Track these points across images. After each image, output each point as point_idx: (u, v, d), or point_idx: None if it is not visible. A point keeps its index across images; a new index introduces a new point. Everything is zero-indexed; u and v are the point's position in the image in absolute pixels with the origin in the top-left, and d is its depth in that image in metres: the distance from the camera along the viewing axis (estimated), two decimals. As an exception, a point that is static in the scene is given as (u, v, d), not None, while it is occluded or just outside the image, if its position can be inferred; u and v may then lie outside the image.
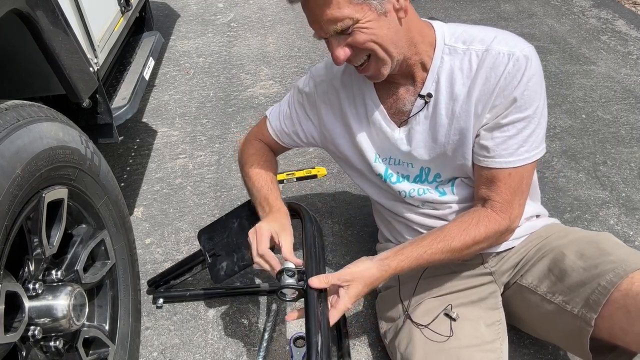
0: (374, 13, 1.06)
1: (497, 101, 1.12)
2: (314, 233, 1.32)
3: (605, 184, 2.04)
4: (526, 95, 1.11)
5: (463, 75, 1.15)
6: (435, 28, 1.19)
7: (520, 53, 1.10)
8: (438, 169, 1.27)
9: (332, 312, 1.09)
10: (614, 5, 3.67)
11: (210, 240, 1.52)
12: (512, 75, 1.10)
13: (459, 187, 1.28)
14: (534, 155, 1.16)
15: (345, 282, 1.11)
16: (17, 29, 1.20)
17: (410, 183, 1.31)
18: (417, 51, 1.15)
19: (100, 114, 1.64)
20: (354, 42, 1.08)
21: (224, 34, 3.60)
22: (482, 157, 1.18)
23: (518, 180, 1.16)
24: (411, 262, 1.14)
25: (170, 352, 1.52)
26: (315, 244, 1.26)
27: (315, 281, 1.10)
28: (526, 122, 1.13)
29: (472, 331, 1.20)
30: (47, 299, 1.00)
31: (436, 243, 1.15)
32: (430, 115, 1.20)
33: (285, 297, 1.14)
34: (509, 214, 1.17)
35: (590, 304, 1.10)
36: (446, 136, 1.20)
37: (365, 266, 1.13)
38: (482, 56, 1.13)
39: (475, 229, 1.16)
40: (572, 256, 1.18)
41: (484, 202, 1.20)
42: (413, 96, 1.21)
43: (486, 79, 1.12)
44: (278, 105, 1.49)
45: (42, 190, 0.99)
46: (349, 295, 1.10)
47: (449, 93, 1.17)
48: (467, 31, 1.17)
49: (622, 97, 2.61)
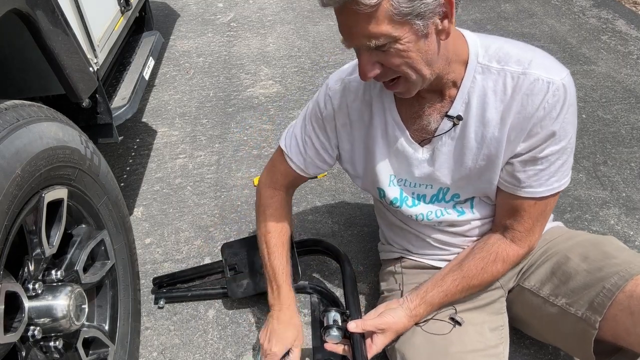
0: (414, 35, 0.94)
1: (534, 131, 1.06)
2: (353, 276, 1.54)
3: (606, 184, 2.04)
4: (563, 127, 1.06)
5: (496, 98, 1.07)
6: (469, 43, 1.09)
7: (560, 82, 1.03)
8: (458, 190, 1.22)
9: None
10: (614, 5, 3.67)
11: (235, 256, 1.57)
12: (551, 106, 1.03)
13: (478, 205, 1.25)
14: (563, 185, 1.13)
15: (380, 330, 1.22)
16: (17, 29, 1.20)
17: (426, 204, 1.26)
18: (450, 69, 1.07)
19: (100, 114, 1.64)
20: (386, 63, 0.98)
21: (224, 34, 3.60)
22: (511, 185, 1.15)
23: (542, 209, 1.15)
24: (435, 307, 1.24)
25: (170, 352, 1.52)
26: (355, 288, 1.49)
27: (353, 325, 1.23)
28: (560, 153, 1.09)
29: (476, 336, 1.20)
30: (46, 299, 1.00)
31: (455, 285, 1.22)
32: (457, 137, 1.13)
33: (331, 336, 1.28)
34: (528, 242, 1.20)
35: (594, 307, 1.09)
36: (473, 160, 1.14)
37: (398, 316, 1.22)
38: (517, 79, 1.04)
39: (493, 266, 1.20)
40: (576, 259, 1.18)
41: (505, 230, 1.21)
42: (439, 115, 1.13)
43: (522, 106, 1.05)
44: (292, 134, 1.35)
45: (42, 190, 0.99)
46: (383, 342, 1.23)
47: (479, 116, 1.09)
48: (503, 48, 1.08)
49: (623, 97, 2.60)
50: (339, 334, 1.26)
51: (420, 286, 1.26)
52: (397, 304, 1.25)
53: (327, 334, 1.27)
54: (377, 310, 1.28)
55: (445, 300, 1.23)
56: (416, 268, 1.39)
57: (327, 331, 1.27)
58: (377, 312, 1.26)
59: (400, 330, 1.23)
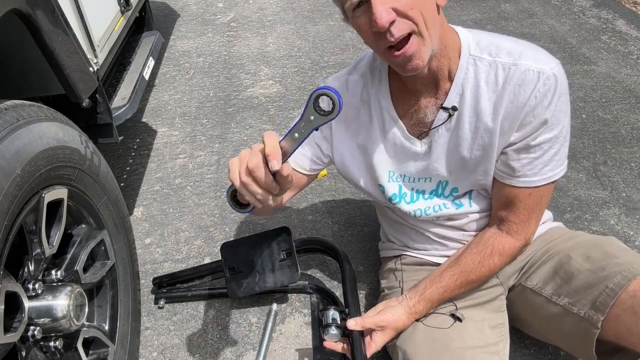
0: None
1: (526, 120, 1.08)
2: (353, 276, 1.54)
3: (606, 184, 2.04)
4: (555, 115, 1.07)
5: (489, 89, 1.10)
6: (460, 36, 1.12)
7: (550, 71, 1.05)
8: (456, 183, 1.24)
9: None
10: (614, 5, 3.67)
11: (234, 256, 1.56)
12: (542, 94, 1.05)
13: (476, 198, 1.26)
14: (557, 174, 1.14)
15: (379, 328, 1.23)
16: (17, 29, 1.20)
17: (425, 200, 1.27)
18: (446, 54, 1.09)
19: (100, 114, 1.64)
20: (399, 5, 0.96)
21: (224, 34, 3.60)
22: (505, 175, 1.16)
23: (537, 199, 1.16)
24: (434, 304, 1.24)
25: (170, 352, 1.52)
26: (355, 287, 1.49)
27: (352, 322, 1.23)
28: (553, 141, 1.10)
29: (476, 333, 1.20)
30: (46, 299, 1.00)
31: (454, 280, 1.22)
32: (452, 127, 1.16)
33: (329, 334, 1.27)
34: (524, 234, 1.20)
35: (597, 306, 1.10)
36: (469, 151, 1.16)
37: (398, 314, 1.23)
38: (509, 70, 1.07)
39: (490, 260, 1.21)
40: (579, 259, 1.18)
41: (500, 222, 1.22)
42: (435, 107, 1.15)
43: (514, 95, 1.07)
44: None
45: (42, 190, 0.99)
46: (382, 340, 1.23)
47: (473, 107, 1.12)
48: (494, 42, 1.11)
49: (623, 97, 2.60)
50: (337, 332, 1.26)
51: (419, 283, 1.26)
52: (396, 301, 1.25)
53: (326, 333, 1.26)
54: (377, 308, 1.28)
55: (444, 296, 1.23)
56: (416, 265, 1.39)
57: (325, 329, 1.27)
58: (377, 310, 1.26)
59: (399, 328, 1.23)
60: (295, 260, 1.49)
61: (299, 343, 1.51)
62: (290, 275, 1.51)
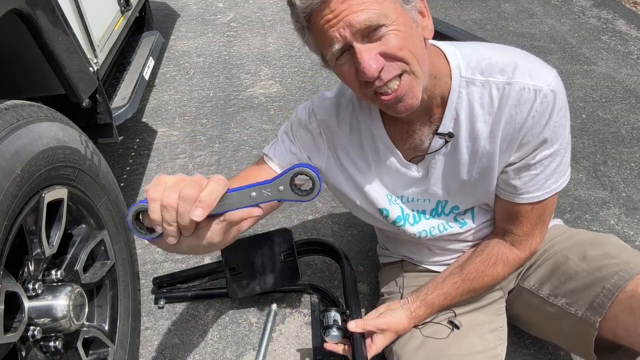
0: (407, 18, 0.91)
1: (524, 140, 1.04)
2: (353, 276, 1.54)
3: (606, 184, 2.04)
4: (554, 131, 1.03)
5: (484, 111, 1.04)
6: (449, 57, 1.05)
7: (547, 88, 0.99)
8: (456, 202, 1.21)
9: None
10: (614, 5, 3.67)
11: (235, 256, 1.56)
12: (540, 113, 1.01)
13: (478, 214, 1.23)
14: (560, 185, 1.11)
15: (380, 331, 1.22)
16: (17, 29, 1.20)
17: (427, 219, 1.24)
18: (436, 83, 1.04)
19: (100, 114, 1.64)
20: (387, 48, 0.90)
21: (224, 34, 3.60)
22: (508, 193, 1.13)
23: (541, 212, 1.14)
24: (434, 310, 1.23)
25: (170, 352, 1.52)
26: (355, 288, 1.50)
27: (353, 325, 1.22)
28: (554, 156, 1.07)
29: (476, 338, 1.20)
30: (46, 299, 1.00)
31: (455, 288, 1.21)
32: (449, 152, 1.11)
33: (331, 336, 1.28)
34: (529, 246, 1.19)
35: (595, 307, 1.09)
36: (468, 174, 1.13)
37: (399, 317, 1.22)
38: (503, 90, 1.02)
39: (494, 270, 1.20)
40: (575, 259, 1.18)
41: (505, 234, 1.20)
42: (430, 132, 1.10)
43: (511, 116, 1.02)
44: (273, 145, 1.21)
45: (42, 190, 0.99)
46: (383, 343, 1.23)
47: (469, 131, 1.07)
48: (484, 57, 1.04)
49: (623, 97, 2.60)
50: (339, 333, 1.26)
51: (421, 288, 1.25)
52: (398, 304, 1.25)
53: (327, 334, 1.27)
54: (378, 310, 1.27)
55: (445, 303, 1.22)
56: (416, 271, 1.38)
57: (327, 331, 1.27)
58: (378, 313, 1.26)
59: (400, 331, 1.23)
60: (296, 262, 1.49)
61: (299, 343, 1.51)
62: (290, 276, 1.51)
